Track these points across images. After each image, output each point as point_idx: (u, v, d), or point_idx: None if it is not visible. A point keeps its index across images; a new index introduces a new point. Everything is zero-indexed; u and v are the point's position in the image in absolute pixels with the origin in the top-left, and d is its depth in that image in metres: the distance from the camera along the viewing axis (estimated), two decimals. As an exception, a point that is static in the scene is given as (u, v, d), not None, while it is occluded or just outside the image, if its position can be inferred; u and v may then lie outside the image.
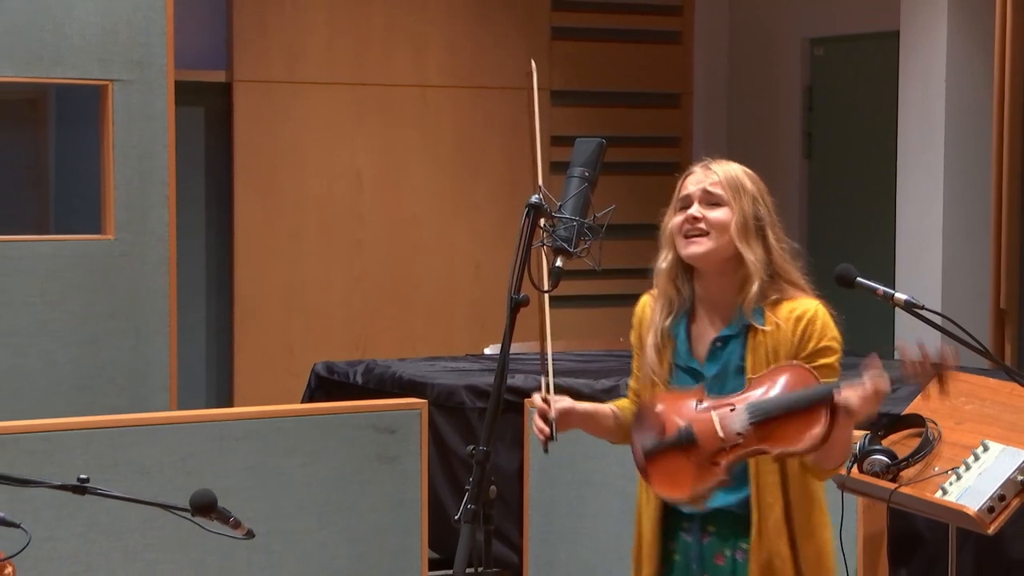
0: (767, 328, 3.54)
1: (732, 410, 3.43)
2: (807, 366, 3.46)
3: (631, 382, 3.79)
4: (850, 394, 3.37)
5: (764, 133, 8.59)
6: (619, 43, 8.33)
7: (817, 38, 8.41)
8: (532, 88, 3.75)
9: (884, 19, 7.74)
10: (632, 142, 8.13)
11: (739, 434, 3.40)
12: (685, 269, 3.65)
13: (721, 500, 3.54)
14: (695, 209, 3.59)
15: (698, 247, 3.58)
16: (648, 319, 3.71)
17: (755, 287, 3.57)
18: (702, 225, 3.57)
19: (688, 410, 3.48)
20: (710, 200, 3.60)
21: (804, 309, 3.55)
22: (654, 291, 3.72)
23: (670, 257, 3.65)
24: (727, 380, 3.55)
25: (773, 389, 3.44)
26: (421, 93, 7.93)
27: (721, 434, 3.41)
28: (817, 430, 3.37)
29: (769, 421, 3.40)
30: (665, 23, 8.51)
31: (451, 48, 7.97)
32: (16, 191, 7.07)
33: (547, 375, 3.63)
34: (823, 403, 3.38)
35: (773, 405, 3.40)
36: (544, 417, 3.61)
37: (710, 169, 3.65)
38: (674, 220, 3.62)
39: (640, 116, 8.37)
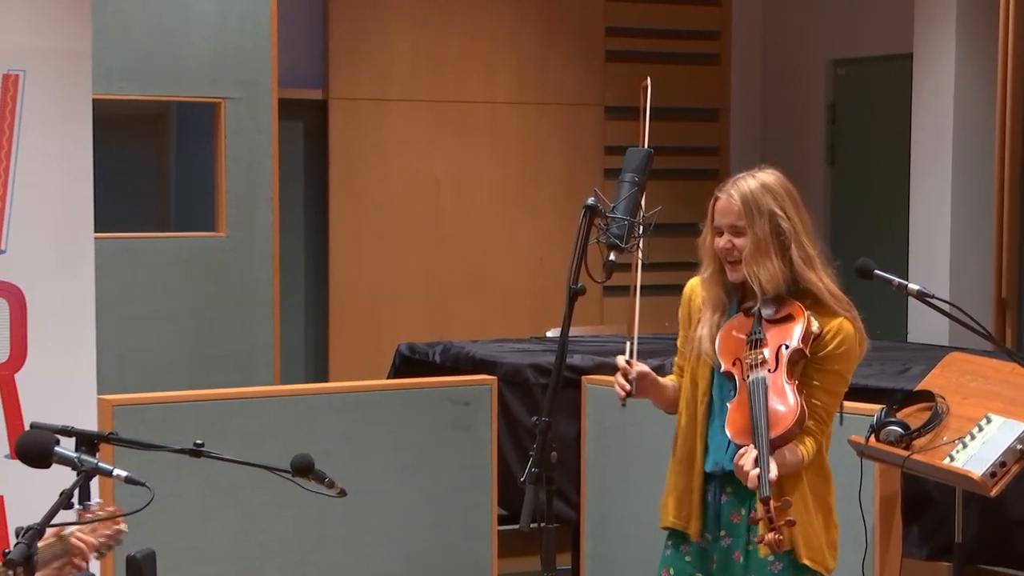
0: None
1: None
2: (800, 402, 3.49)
3: (676, 359, 3.79)
4: None
5: (792, 143, 8.54)
6: (665, 64, 8.30)
7: (839, 59, 8.36)
8: (646, 100, 3.74)
9: (899, 43, 7.69)
10: (676, 151, 8.10)
11: None
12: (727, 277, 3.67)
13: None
14: (726, 240, 3.60)
15: (738, 273, 3.60)
16: (695, 300, 3.74)
17: (783, 293, 3.57)
18: (736, 253, 3.59)
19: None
20: (735, 231, 3.60)
21: (828, 328, 3.56)
22: (699, 277, 3.73)
23: (711, 269, 3.67)
24: None
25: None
26: (491, 109, 7.92)
27: None
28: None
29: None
30: (705, 47, 8.48)
31: (518, 69, 7.97)
32: (142, 194, 7.12)
33: (632, 343, 3.63)
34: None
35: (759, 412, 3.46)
36: (625, 376, 3.61)
37: (731, 197, 3.63)
38: (716, 243, 3.63)
39: (683, 128, 8.34)
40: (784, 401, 3.49)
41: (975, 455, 3.86)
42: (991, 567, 4.88)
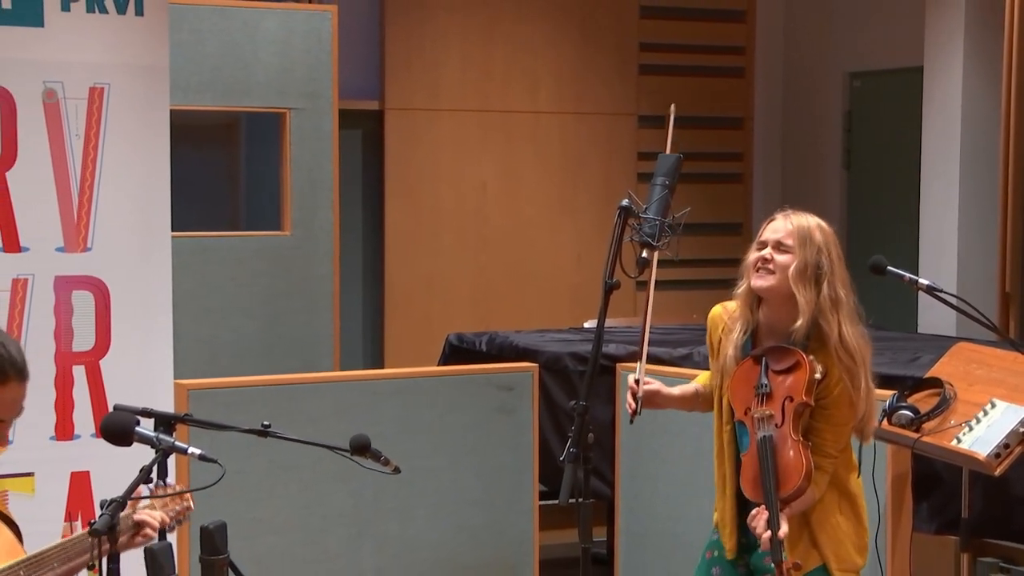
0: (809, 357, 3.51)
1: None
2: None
3: (710, 370, 3.77)
4: None
5: (811, 150, 8.50)
6: (693, 77, 8.28)
7: (855, 72, 8.32)
8: (670, 122, 3.74)
9: (911, 57, 7.65)
10: (704, 157, 8.07)
11: None
12: (756, 297, 3.63)
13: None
14: (767, 251, 3.57)
15: (762, 281, 3.57)
16: (718, 326, 3.71)
17: (800, 322, 3.52)
18: (771, 265, 3.56)
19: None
20: (781, 248, 3.57)
21: (831, 373, 3.52)
22: (724, 304, 3.71)
23: (745, 286, 3.64)
24: None
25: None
26: (535, 118, 7.92)
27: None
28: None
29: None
30: (731, 61, 8.44)
31: (559, 82, 7.96)
32: (215, 196, 7.15)
33: (642, 362, 3.61)
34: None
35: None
36: (634, 395, 3.61)
37: (788, 219, 3.60)
38: (751, 256, 3.61)
39: (710, 136, 8.31)
40: (791, 459, 3.45)
41: (980, 437, 3.83)
42: (995, 541, 4.84)
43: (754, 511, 3.44)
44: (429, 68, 7.65)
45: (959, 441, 3.87)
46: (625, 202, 3.50)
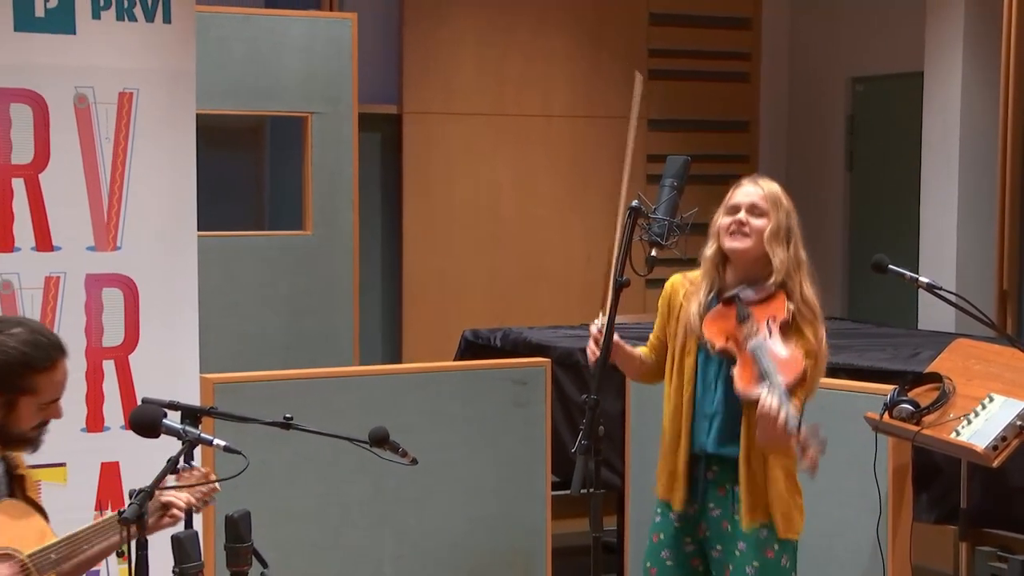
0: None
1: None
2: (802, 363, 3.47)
3: (651, 338, 3.80)
4: (768, 401, 3.34)
5: (815, 152, 8.49)
6: (701, 82, 8.27)
7: (858, 77, 8.30)
8: (636, 94, 3.73)
9: (911, 62, 7.63)
10: (711, 159, 8.07)
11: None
12: (724, 259, 3.63)
13: (722, 450, 3.60)
14: (742, 215, 3.57)
15: (739, 243, 3.57)
16: (679, 291, 3.73)
17: (772, 280, 3.55)
18: (746, 229, 3.56)
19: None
20: (755, 211, 3.57)
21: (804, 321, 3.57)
22: (684, 272, 3.73)
23: (714, 247, 3.64)
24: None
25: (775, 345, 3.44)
26: (547, 122, 7.92)
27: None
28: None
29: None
30: (737, 66, 8.43)
31: (570, 86, 7.95)
32: (240, 196, 7.16)
33: (608, 316, 3.59)
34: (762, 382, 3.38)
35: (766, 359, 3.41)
36: (596, 342, 3.61)
37: (758, 184, 3.62)
38: (722, 220, 3.61)
39: (717, 139, 8.30)
40: (789, 353, 3.47)
41: (979, 430, 3.83)
42: (993, 530, 4.83)
43: (764, 396, 3.37)
44: (445, 74, 7.65)
45: (958, 434, 3.86)
46: (635, 203, 3.50)
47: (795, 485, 3.65)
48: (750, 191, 3.60)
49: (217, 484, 3.33)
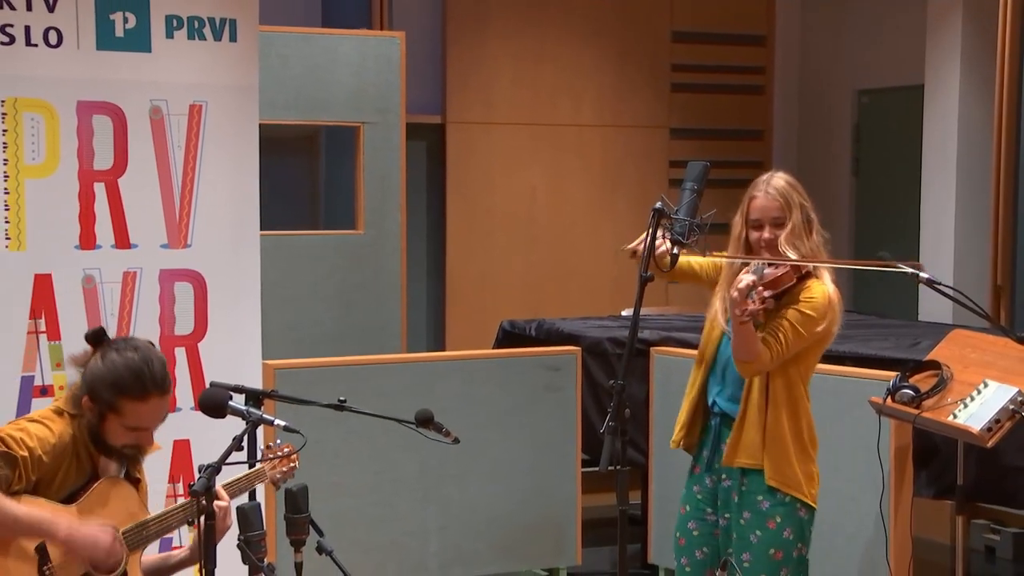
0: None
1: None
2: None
3: (711, 261, 3.80)
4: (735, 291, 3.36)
5: (823, 158, 8.45)
6: (719, 94, 8.24)
7: (863, 89, 8.26)
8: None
9: (913, 76, 7.59)
10: (728, 165, 8.02)
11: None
12: (747, 246, 3.65)
13: (729, 408, 3.63)
14: (769, 232, 3.58)
15: (780, 271, 3.57)
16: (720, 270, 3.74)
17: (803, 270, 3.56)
18: (776, 245, 3.58)
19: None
20: (776, 223, 3.58)
21: (811, 291, 3.56)
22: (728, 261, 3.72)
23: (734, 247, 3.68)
24: None
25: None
26: (578, 131, 7.91)
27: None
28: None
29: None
30: (752, 79, 8.39)
31: (600, 98, 7.94)
32: (297, 199, 7.19)
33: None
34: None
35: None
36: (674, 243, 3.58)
37: (769, 195, 3.60)
38: (757, 236, 3.61)
39: (734, 146, 8.27)
40: (786, 271, 3.49)
41: (974, 414, 3.80)
42: (987, 505, 4.81)
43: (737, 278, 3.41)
44: (485, 87, 7.65)
45: (955, 417, 3.84)
46: (658, 204, 3.49)
47: (806, 453, 3.63)
48: (764, 204, 3.61)
49: (296, 463, 3.37)
